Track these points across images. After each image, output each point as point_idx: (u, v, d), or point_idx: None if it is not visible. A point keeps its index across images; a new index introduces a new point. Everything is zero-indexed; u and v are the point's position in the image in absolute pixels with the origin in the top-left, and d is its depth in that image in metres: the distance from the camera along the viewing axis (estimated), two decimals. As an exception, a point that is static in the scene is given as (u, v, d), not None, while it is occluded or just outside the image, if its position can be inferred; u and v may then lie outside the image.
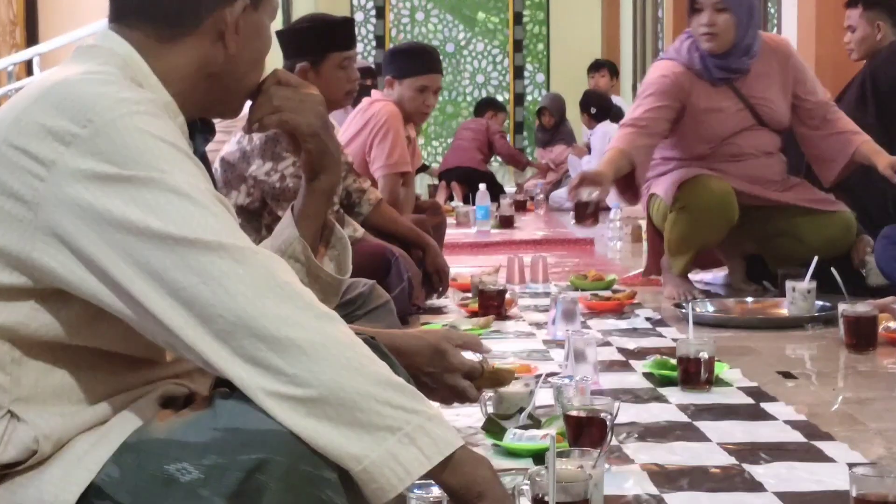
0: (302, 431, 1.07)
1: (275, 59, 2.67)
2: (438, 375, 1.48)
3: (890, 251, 2.85)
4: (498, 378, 1.52)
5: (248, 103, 1.32)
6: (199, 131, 1.53)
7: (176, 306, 1.09)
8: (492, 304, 2.80)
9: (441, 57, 3.64)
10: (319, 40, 2.57)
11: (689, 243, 3.04)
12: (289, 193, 2.49)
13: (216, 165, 2.54)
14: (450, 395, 1.49)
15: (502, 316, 2.82)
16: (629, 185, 3.11)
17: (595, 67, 8.10)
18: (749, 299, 2.99)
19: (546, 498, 1.21)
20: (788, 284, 2.69)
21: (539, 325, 2.74)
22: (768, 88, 3.10)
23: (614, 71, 8.22)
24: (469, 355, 1.51)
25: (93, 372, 1.19)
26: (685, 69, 3.07)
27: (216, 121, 1.47)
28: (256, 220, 2.54)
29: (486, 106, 8.21)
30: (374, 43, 11.61)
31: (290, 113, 1.31)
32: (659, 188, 3.10)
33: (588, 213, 2.94)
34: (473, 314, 2.83)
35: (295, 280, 1.14)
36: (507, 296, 2.91)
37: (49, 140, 1.09)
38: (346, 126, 3.40)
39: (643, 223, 3.78)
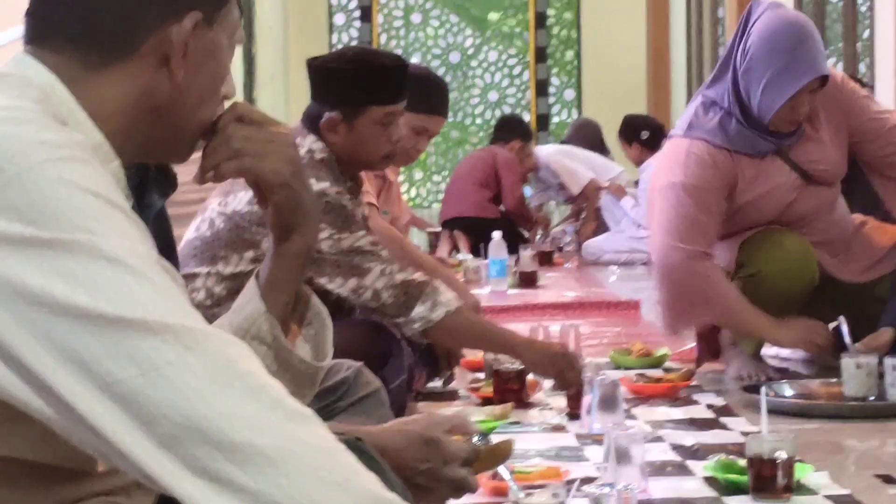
0: None
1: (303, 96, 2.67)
2: (436, 471, 1.57)
3: None
4: (498, 455, 1.63)
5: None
6: (156, 183, 1.60)
7: (108, 405, 1.12)
8: (510, 388, 2.93)
9: (444, 70, 3.79)
10: (360, 88, 2.68)
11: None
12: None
13: (217, 220, 2.67)
14: (449, 489, 1.59)
15: (523, 403, 2.94)
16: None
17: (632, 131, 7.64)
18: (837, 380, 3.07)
19: None
20: (888, 362, 2.80)
21: (571, 416, 2.85)
22: (819, 144, 3.29)
23: (659, 134, 7.54)
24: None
25: (5, 489, 1.22)
26: (727, 151, 3.24)
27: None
28: None
29: (508, 130, 7.97)
30: (356, 52, 11.88)
31: (253, 158, 1.38)
32: None
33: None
34: (487, 401, 2.94)
35: (259, 369, 1.19)
36: (530, 377, 3.03)
37: None
38: None
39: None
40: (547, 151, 8.13)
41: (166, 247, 1.76)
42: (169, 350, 1.13)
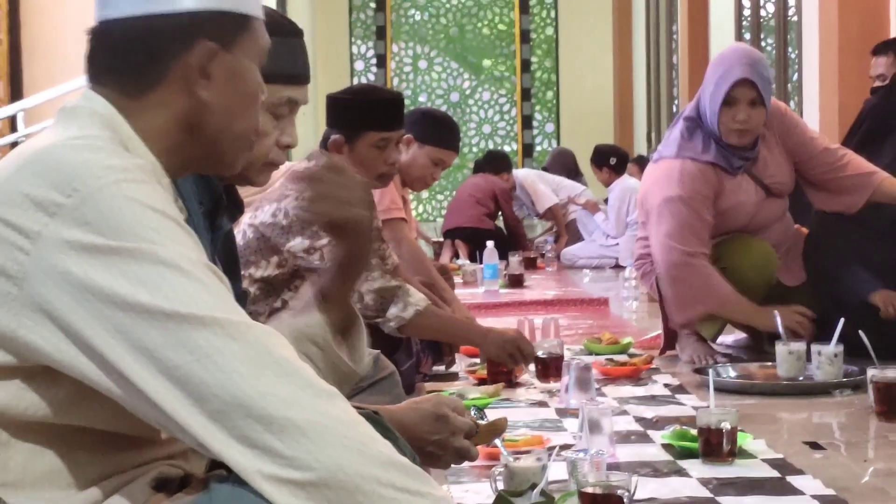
0: None
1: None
2: (444, 441, 1.54)
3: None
4: (495, 430, 1.62)
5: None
6: (227, 209, 1.54)
7: (168, 385, 1.10)
8: (501, 370, 2.85)
9: (446, 107, 3.78)
10: (358, 116, 2.65)
11: None
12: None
13: (247, 231, 2.63)
14: (454, 457, 1.57)
15: (512, 384, 2.86)
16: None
17: (603, 156, 7.45)
18: (772, 364, 3.01)
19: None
20: (814, 348, 2.75)
21: (551, 393, 2.78)
22: (775, 163, 3.27)
23: (623, 161, 7.49)
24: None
25: (83, 453, 1.20)
26: (711, 167, 3.18)
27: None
28: (276, 292, 2.60)
29: (500, 162, 7.87)
30: (374, 93, 11.88)
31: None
32: None
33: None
34: (482, 381, 2.87)
35: (293, 355, 1.15)
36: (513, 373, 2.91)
37: (33, 211, 1.10)
38: None
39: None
40: (523, 174, 8.05)
41: (232, 262, 1.70)
42: (217, 340, 1.10)
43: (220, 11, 1.22)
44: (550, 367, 2.84)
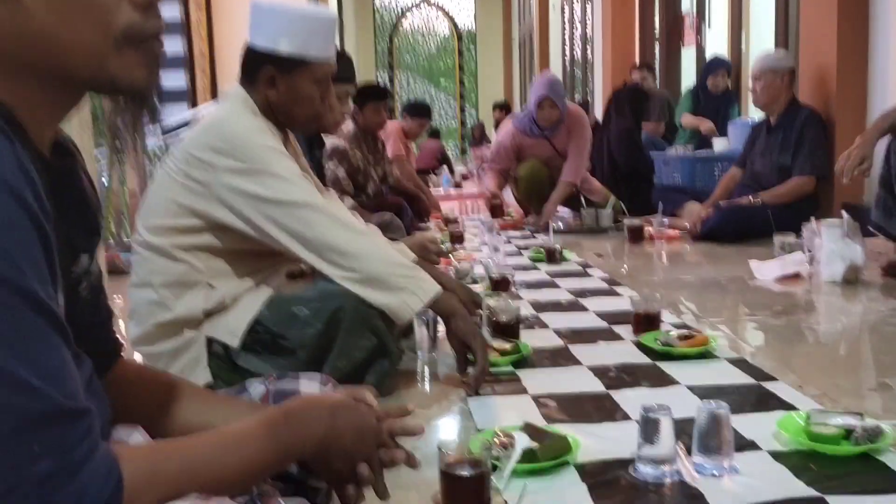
0: (358, 292, 1.90)
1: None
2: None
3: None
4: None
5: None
6: (316, 145, 3.33)
7: (287, 237, 1.84)
8: (457, 233, 5.07)
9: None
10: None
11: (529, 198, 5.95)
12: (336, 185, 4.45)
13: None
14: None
15: (462, 238, 5.11)
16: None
17: (498, 107, 14.15)
18: (562, 224, 5.58)
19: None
20: (593, 211, 5.39)
21: (476, 236, 5.17)
22: (564, 138, 5.83)
23: (508, 109, 13.83)
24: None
25: (248, 259, 1.95)
26: (521, 132, 5.79)
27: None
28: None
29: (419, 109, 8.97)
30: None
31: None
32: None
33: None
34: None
35: (350, 218, 1.87)
36: (460, 227, 5.24)
37: (210, 152, 1.83)
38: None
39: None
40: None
41: (320, 174, 3.53)
42: (310, 213, 1.83)
43: (284, 56, 1.96)
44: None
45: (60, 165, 0.88)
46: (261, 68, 2.05)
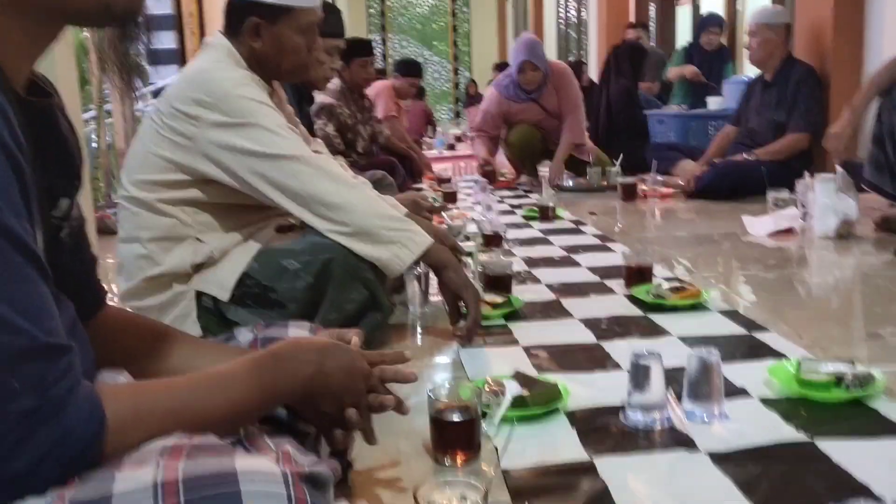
0: (349, 246, 1.93)
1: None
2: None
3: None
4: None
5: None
6: (306, 101, 3.48)
7: (275, 191, 1.86)
8: (450, 193, 5.12)
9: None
10: None
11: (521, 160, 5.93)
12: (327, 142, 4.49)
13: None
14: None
15: (455, 198, 5.17)
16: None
17: (498, 67, 12.27)
18: (571, 182, 5.58)
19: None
20: (593, 170, 5.39)
21: (469, 195, 5.24)
22: (552, 99, 5.70)
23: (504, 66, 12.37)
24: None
25: (236, 213, 1.98)
26: (507, 98, 5.69)
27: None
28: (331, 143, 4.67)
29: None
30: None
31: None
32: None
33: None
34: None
35: (339, 170, 1.89)
36: (453, 187, 5.27)
37: (195, 105, 1.83)
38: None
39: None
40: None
41: (310, 129, 3.59)
42: (298, 166, 1.84)
43: (269, 3, 1.96)
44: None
45: (37, 104, 0.87)
46: (245, 18, 2.05)
